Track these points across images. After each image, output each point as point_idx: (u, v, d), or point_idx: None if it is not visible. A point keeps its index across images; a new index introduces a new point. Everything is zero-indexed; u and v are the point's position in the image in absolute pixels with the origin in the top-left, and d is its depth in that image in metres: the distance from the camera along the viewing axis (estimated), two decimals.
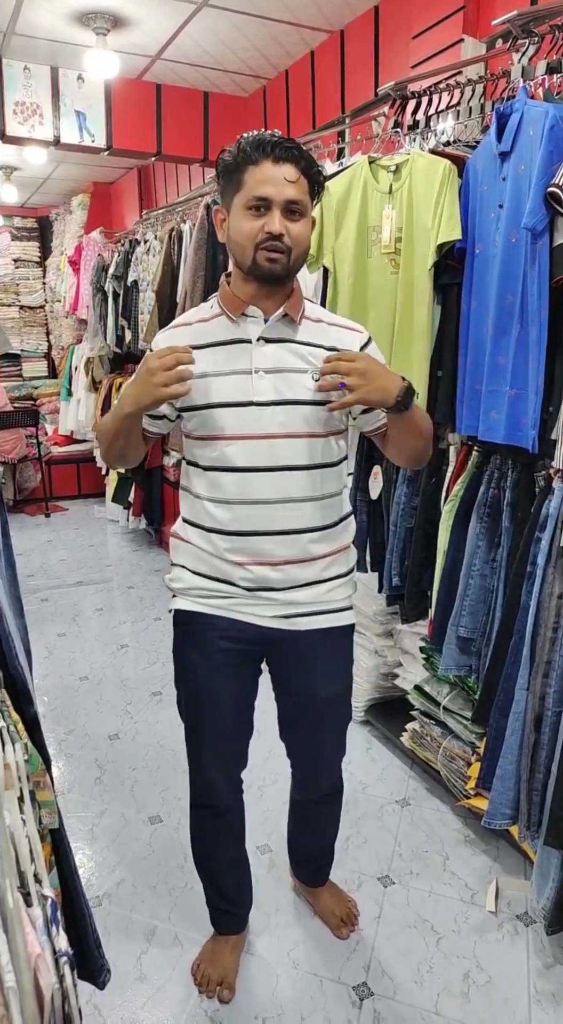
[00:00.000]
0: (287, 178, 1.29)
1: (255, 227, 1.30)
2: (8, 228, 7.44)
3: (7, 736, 0.96)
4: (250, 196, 1.29)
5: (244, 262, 1.34)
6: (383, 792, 2.42)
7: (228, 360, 1.37)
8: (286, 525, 1.39)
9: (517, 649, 1.77)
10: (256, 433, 1.36)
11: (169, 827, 2.24)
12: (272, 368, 1.36)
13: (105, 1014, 1.64)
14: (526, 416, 1.79)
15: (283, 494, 1.38)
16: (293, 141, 1.31)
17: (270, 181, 1.28)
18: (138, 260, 4.51)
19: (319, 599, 1.46)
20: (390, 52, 3.40)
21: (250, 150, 1.29)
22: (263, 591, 1.43)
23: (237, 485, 1.38)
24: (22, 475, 6.32)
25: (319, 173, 1.36)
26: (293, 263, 1.34)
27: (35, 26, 3.85)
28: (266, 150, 1.28)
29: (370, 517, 2.47)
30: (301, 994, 1.70)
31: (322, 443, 1.40)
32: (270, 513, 1.38)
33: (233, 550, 1.41)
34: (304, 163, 1.31)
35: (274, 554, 1.40)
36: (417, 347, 2.10)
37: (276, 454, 1.37)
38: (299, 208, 1.31)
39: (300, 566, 1.42)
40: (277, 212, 1.29)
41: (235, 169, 1.31)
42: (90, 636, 3.74)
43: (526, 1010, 1.65)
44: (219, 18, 3.72)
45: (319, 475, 1.41)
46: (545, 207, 1.65)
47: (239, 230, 1.32)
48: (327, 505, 1.44)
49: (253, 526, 1.39)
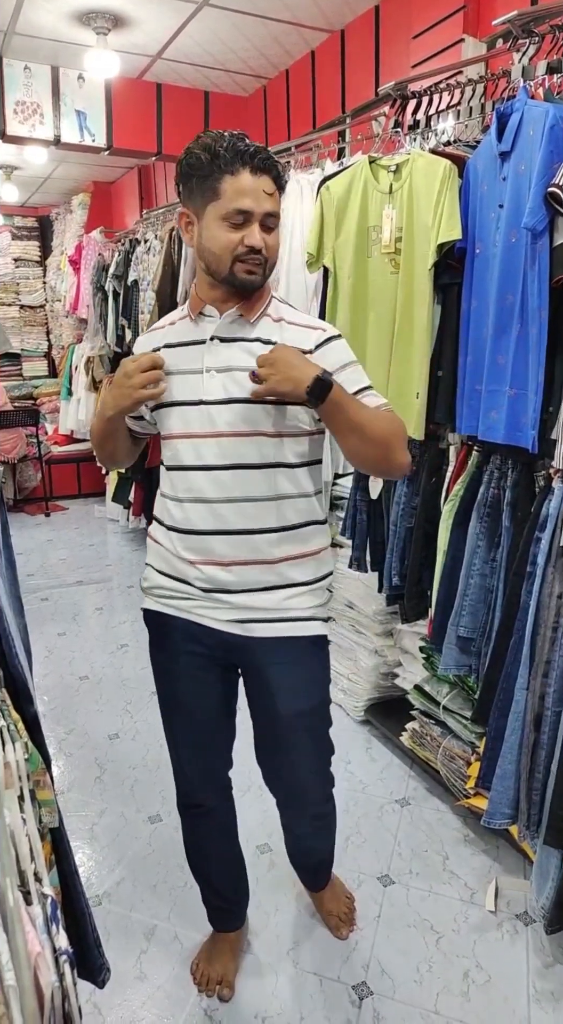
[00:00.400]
0: (265, 191, 1.28)
1: (234, 239, 1.29)
2: (8, 227, 7.45)
3: (7, 735, 0.96)
4: (230, 208, 1.27)
5: (219, 272, 1.33)
6: (383, 792, 2.42)
7: (184, 360, 1.39)
8: (235, 525, 1.37)
9: (517, 649, 1.77)
10: (205, 432, 1.36)
11: (169, 826, 2.24)
12: (223, 367, 1.36)
13: (105, 1013, 1.65)
14: (526, 416, 1.79)
15: (230, 493, 1.36)
16: (267, 150, 1.30)
17: (250, 194, 1.27)
18: (138, 260, 4.51)
19: (277, 605, 1.40)
20: (390, 52, 3.40)
21: (229, 158, 1.26)
22: (217, 592, 1.40)
23: (187, 483, 1.39)
24: (22, 474, 6.32)
25: (285, 183, 1.37)
26: (268, 273, 1.35)
27: (36, 26, 3.85)
28: (245, 159, 1.26)
29: (370, 517, 2.47)
30: (301, 993, 1.70)
31: (273, 442, 1.36)
32: (217, 512, 1.37)
33: (187, 548, 1.41)
34: (276, 173, 1.31)
35: (224, 554, 1.38)
36: (417, 347, 2.10)
37: (224, 453, 1.36)
38: (274, 221, 1.32)
39: (252, 568, 1.38)
40: (256, 225, 1.28)
41: (209, 176, 1.27)
42: (90, 635, 3.74)
43: (525, 1009, 1.66)
44: (219, 18, 3.73)
45: (271, 475, 1.37)
46: (545, 207, 1.65)
47: (215, 240, 1.30)
48: (283, 506, 1.39)
49: (203, 525, 1.38)
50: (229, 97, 4.83)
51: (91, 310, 5.51)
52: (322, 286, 2.49)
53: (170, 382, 1.39)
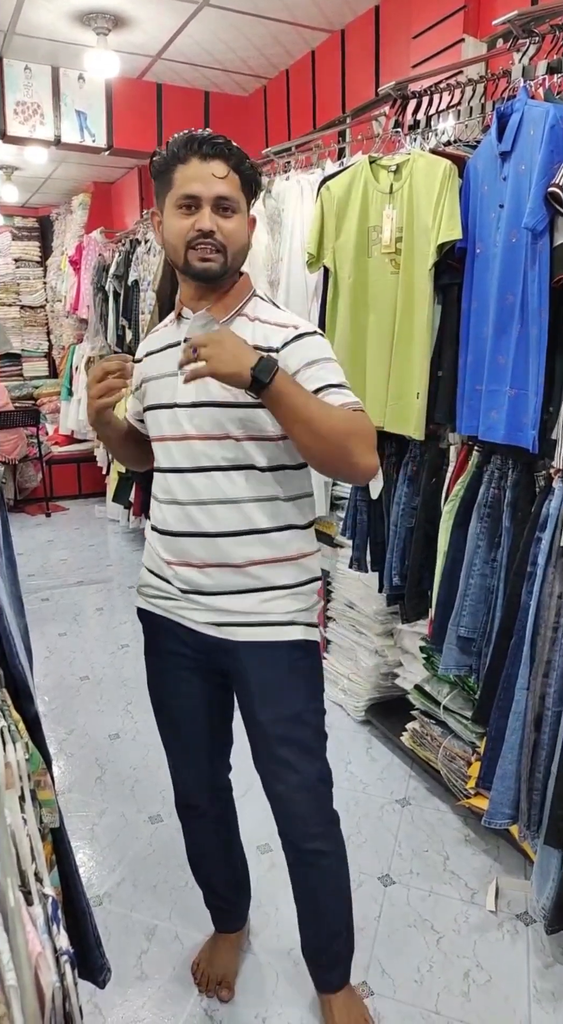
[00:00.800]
0: (215, 174, 1.26)
1: (185, 226, 1.28)
2: (9, 228, 7.45)
3: (8, 735, 0.96)
4: (179, 194, 1.27)
5: (177, 262, 1.33)
6: (383, 792, 2.42)
7: (164, 363, 1.40)
8: (205, 527, 1.35)
9: (517, 649, 1.77)
10: (176, 434, 1.37)
11: (170, 826, 2.24)
12: None
13: (105, 1013, 1.65)
14: (526, 416, 1.79)
15: (198, 495, 1.35)
16: (223, 137, 1.28)
17: (198, 178, 1.26)
18: (139, 260, 4.51)
19: (254, 609, 1.37)
20: (391, 52, 3.40)
21: (178, 149, 1.27)
22: (193, 594, 1.40)
23: (163, 484, 1.41)
24: (23, 475, 6.33)
25: (252, 168, 1.33)
26: (231, 261, 1.31)
27: (36, 26, 3.85)
28: (193, 147, 1.26)
29: (370, 517, 2.47)
30: (301, 993, 1.70)
31: (238, 445, 1.33)
32: (188, 514, 1.37)
33: (165, 549, 1.42)
34: (234, 159, 1.29)
35: (197, 556, 1.37)
36: (417, 347, 2.10)
37: (193, 455, 1.35)
38: (231, 205, 1.28)
39: (226, 571, 1.36)
40: (207, 209, 1.27)
41: (165, 170, 1.29)
42: (91, 636, 3.74)
43: (526, 1009, 1.66)
44: (219, 18, 3.73)
45: (240, 477, 1.34)
46: (545, 207, 1.65)
47: (170, 230, 1.31)
48: (255, 509, 1.35)
49: (177, 526, 1.39)
50: (229, 97, 4.83)
51: (91, 310, 5.51)
52: (322, 286, 2.50)
53: (152, 386, 1.42)
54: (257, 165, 1.36)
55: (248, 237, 1.36)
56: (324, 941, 1.59)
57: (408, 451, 2.29)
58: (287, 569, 1.39)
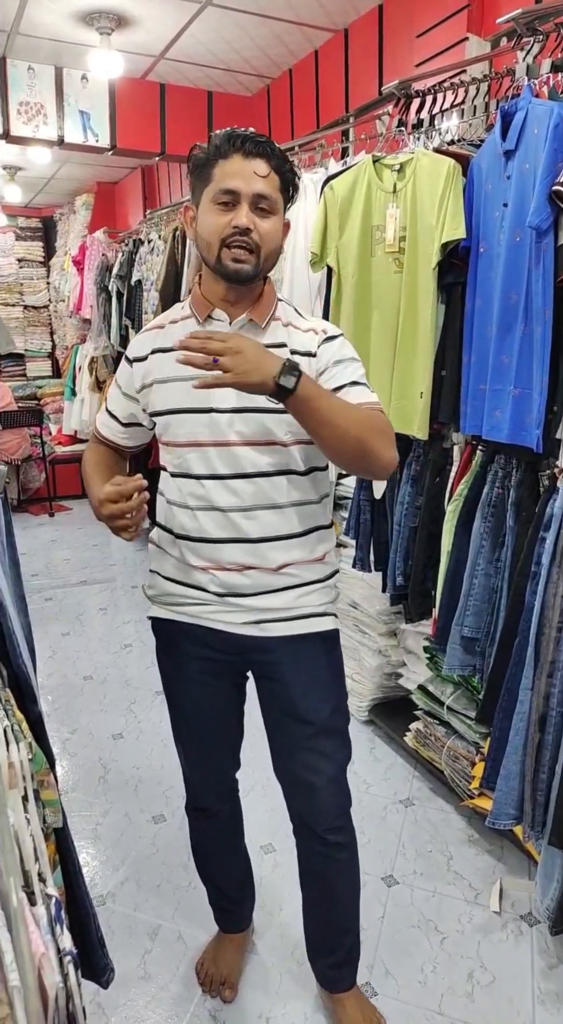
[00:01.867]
0: (257, 172, 1.24)
1: (222, 222, 1.25)
2: (12, 228, 7.46)
3: (11, 735, 0.96)
4: (218, 189, 1.25)
5: (209, 259, 1.29)
6: (387, 792, 2.42)
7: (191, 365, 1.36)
8: (249, 533, 1.34)
9: (521, 649, 1.76)
10: (216, 440, 1.32)
11: (173, 826, 2.24)
12: None
13: (109, 1013, 1.65)
14: (530, 415, 1.79)
15: (242, 502, 1.33)
16: (265, 137, 1.28)
17: (239, 174, 1.24)
18: (142, 260, 4.51)
19: (290, 604, 1.39)
20: (394, 51, 3.40)
21: (221, 144, 1.25)
22: (232, 597, 1.38)
23: (199, 492, 1.35)
24: (26, 475, 6.33)
25: (292, 172, 1.32)
26: (262, 263, 1.29)
27: (39, 26, 3.85)
28: (236, 144, 1.24)
29: (374, 517, 2.47)
30: (304, 993, 1.70)
31: (284, 451, 1.34)
32: (231, 520, 1.34)
33: (199, 556, 1.38)
34: (276, 160, 1.27)
35: (238, 561, 1.36)
36: (421, 346, 2.09)
37: (236, 462, 1.32)
38: (269, 205, 1.26)
39: (265, 572, 1.37)
40: (245, 206, 1.24)
41: (205, 164, 1.27)
42: (94, 635, 3.74)
43: (530, 1010, 1.65)
44: (223, 17, 3.72)
45: (283, 483, 1.35)
46: (550, 205, 1.65)
47: (206, 225, 1.28)
48: (294, 513, 1.37)
49: (216, 533, 1.35)
50: (232, 97, 4.83)
51: (95, 310, 5.51)
52: (326, 286, 2.49)
53: (176, 388, 1.34)
54: (297, 169, 1.34)
55: (282, 241, 1.34)
56: (337, 937, 1.60)
57: (412, 451, 2.29)
58: (315, 566, 1.42)
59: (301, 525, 1.39)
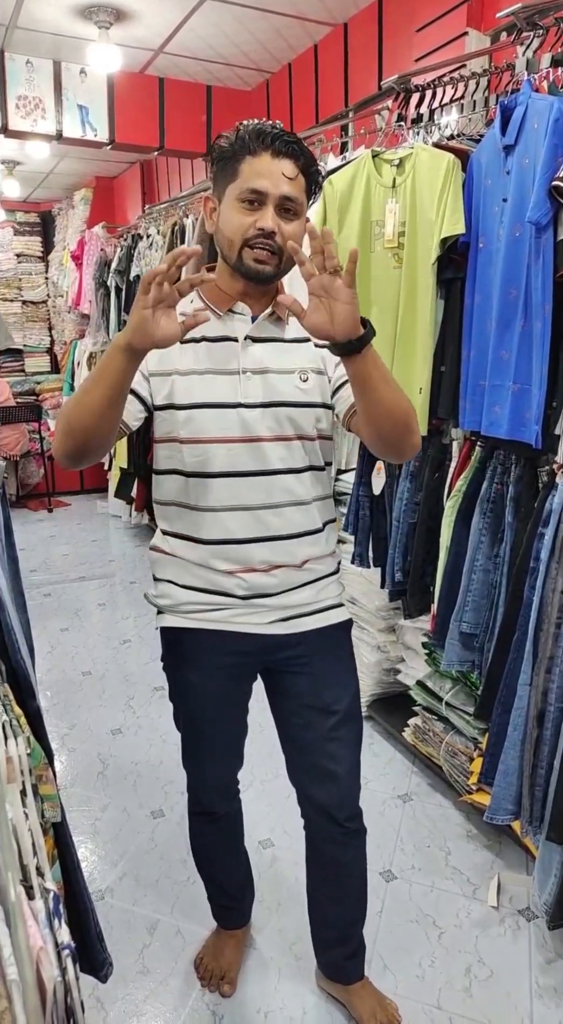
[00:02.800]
0: (285, 174, 1.22)
1: (246, 222, 1.22)
2: (11, 223, 7.44)
3: (10, 730, 0.96)
4: (244, 188, 1.21)
5: (230, 257, 1.26)
6: (385, 787, 2.42)
7: (213, 358, 1.30)
8: (277, 531, 1.33)
9: (520, 645, 1.76)
10: (244, 436, 1.29)
11: (171, 821, 2.25)
12: (260, 369, 1.30)
13: (107, 1007, 1.65)
14: (529, 411, 1.79)
15: (273, 499, 1.32)
16: (295, 136, 1.25)
17: (267, 174, 1.21)
18: (141, 255, 4.50)
19: (313, 599, 1.40)
20: (394, 45, 3.39)
21: (249, 139, 1.22)
22: (257, 598, 1.36)
23: (225, 490, 1.31)
24: (25, 470, 6.33)
25: (318, 173, 1.30)
26: (284, 265, 1.27)
27: (37, 20, 3.84)
28: (266, 141, 1.21)
29: (373, 512, 2.47)
30: (303, 988, 1.70)
31: (310, 446, 1.34)
32: (259, 518, 1.32)
33: (224, 559, 1.34)
34: (304, 160, 1.25)
35: (267, 560, 1.34)
36: (420, 342, 2.09)
37: (265, 458, 1.30)
38: (294, 207, 1.24)
39: (290, 570, 1.36)
40: (271, 208, 1.22)
41: (231, 157, 1.23)
42: (93, 631, 3.74)
43: (528, 1005, 1.66)
44: (222, 11, 3.71)
45: (309, 479, 1.35)
46: (549, 201, 1.64)
47: (229, 222, 1.24)
48: (317, 508, 1.38)
49: (243, 533, 1.32)
50: (231, 91, 4.81)
51: (93, 306, 5.50)
52: None
53: (198, 382, 1.30)
54: (320, 169, 1.32)
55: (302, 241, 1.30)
56: (348, 927, 1.61)
57: None
58: (328, 560, 1.44)
59: (320, 520, 1.40)
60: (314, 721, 1.45)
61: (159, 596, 1.44)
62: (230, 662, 1.43)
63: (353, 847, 1.56)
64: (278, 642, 1.40)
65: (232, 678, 1.47)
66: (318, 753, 1.47)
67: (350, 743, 1.49)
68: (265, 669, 1.49)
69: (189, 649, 1.44)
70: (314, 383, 1.33)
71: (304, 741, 1.48)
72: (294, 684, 1.46)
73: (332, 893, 1.60)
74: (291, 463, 1.32)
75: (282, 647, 1.41)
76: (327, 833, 1.53)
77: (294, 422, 1.31)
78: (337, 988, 1.66)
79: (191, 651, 1.44)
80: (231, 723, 1.53)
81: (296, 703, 1.47)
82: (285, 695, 1.48)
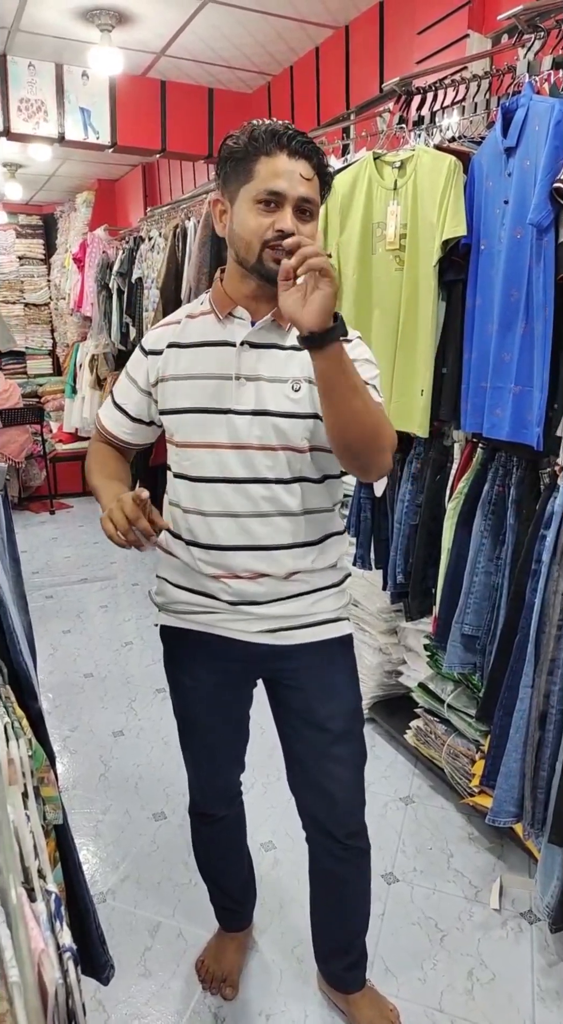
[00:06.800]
0: (302, 175, 1.20)
1: (264, 224, 1.20)
2: (13, 225, 7.46)
3: (11, 732, 0.96)
4: (262, 189, 1.19)
5: (248, 259, 1.24)
6: (387, 789, 2.42)
7: (209, 363, 1.30)
8: (263, 540, 1.31)
9: (522, 647, 1.76)
10: (232, 443, 1.28)
11: (173, 823, 2.25)
12: (254, 375, 1.28)
13: (109, 1010, 1.65)
14: (531, 413, 1.79)
15: (260, 508, 1.29)
16: (308, 136, 1.24)
17: (284, 175, 1.19)
18: (142, 257, 4.51)
19: (305, 611, 1.37)
20: (395, 48, 3.39)
21: (263, 140, 1.20)
22: (245, 605, 1.34)
23: (213, 496, 1.31)
24: (27, 473, 6.33)
25: (329, 173, 1.29)
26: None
27: (40, 23, 3.85)
28: (282, 142, 1.19)
29: (374, 514, 2.47)
30: (305, 991, 1.70)
31: (300, 457, 1.30)
32: (244, 527, 1.30)
33: (211, 563, 1.33)
34: (317, 161, 1.22)
35: (252, 569, 1.32)
36: (421, 344, 2.09)
37: (253, 466, 1.28)
38: (310, 208, 1.22)
39: (278, 580, 1.33)
40: (289, 209, 1.20)
41: (244, 158, 1.21)
42: (95, 633, 3.74)
43: (530, 1007, 1.65)
44: (223, 14, 3.72)
45: (300, 490, 1.31)
46: (551, 203, 1.65)
47: (245, 225, 1.22)
48: (309, 521, 1.34)
49: (229, 540, 1.31)
50: (233, 94, 4.82)
51: (95, 308, 5.51)
52: None
53: (192, 386, 1.30)
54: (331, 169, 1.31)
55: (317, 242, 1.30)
56: (350, 939, 1.60)
57: (412, 448, 2.28)
58: (327, 572, 1.40)
59: (315, 533, 1.36)
60: (310, 737, 1.44)
61: (157, 593, 1.47)
62: (219, 667, 1.43)
63: (354, 864, 1.54)
64: (268, 652, 1.38)
65: (224, 683, 1.46)
66: (315, 770, 1.46)
67: (348, 763, 1.46)
68: (266, 679, 1.49)
69: (181, 649, 1.46)
70: (306, 393, 1.28)
71: (301, 756, 1.48)
72: (288, 698, 1.45)
73: (332, 905, 1.59)
74: (278, 473, 1.29)
75: (274, 658, 1.39)
76: (326, 848, 1.52)
77: (281, 432, 1.28)
78: (338, 996, 1.65)
79: (183, 651, 1.46)
80: (225, 727, 1.53)
81: (292, 717, 1.46)
82: (282, 707, 1.48)
